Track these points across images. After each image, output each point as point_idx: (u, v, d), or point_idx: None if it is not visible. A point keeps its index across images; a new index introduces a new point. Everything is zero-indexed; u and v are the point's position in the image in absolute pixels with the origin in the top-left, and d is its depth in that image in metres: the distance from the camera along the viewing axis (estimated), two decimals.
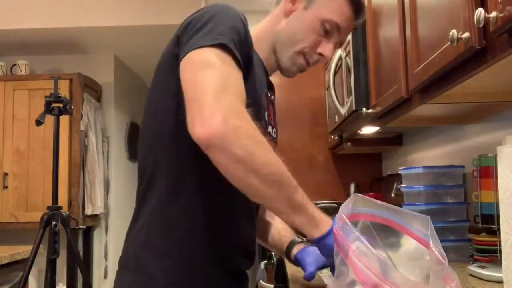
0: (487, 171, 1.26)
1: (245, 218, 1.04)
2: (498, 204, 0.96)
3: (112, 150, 4.27)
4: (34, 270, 3.39)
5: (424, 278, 0.81)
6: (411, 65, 1.32)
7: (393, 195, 2.50)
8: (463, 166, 1.54)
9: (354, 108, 1.96)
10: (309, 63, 1.11)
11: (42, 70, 4.08)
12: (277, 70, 1.16)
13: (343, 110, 2.20)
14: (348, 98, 2.08)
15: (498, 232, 1.18)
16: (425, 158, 2.29)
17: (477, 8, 0.87)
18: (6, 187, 3.68)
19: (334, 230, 0.82)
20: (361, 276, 0.73)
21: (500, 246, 1.02)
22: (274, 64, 1.13)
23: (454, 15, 1.00)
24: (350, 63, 1.99)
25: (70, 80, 3.71)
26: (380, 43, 1.73)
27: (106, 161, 4.14)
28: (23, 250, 2.34)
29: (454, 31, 0.95)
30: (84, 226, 3.73)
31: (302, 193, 0.88)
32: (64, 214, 2.54)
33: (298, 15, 1.09)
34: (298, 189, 0.87)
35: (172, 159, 0.95)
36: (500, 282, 1.04)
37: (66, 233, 2.54)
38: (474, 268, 1.20)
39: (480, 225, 1.28)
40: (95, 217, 3.98)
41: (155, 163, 0.97)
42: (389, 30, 1.58)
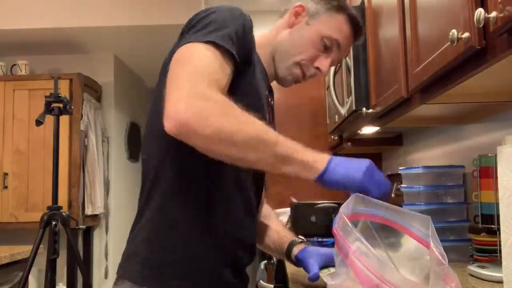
0: (487, 171, 1.26)
1: (247, 216, 1.05)
2: (498, 204, 0.96)
3: (112, 150, 4.26)
4: (34, 270, 3.39)
5: (424, 278, 0.81)
6: (411, 65, 1.32)
7: (393, 195, 2.50)
8: (463, 166, 1.53)
9: (354, 108, 1.95)
10: (305, 76, 1.15)
11: (42, 70, 4.08)
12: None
13: (343, 110, 2.20)
14: (348, 98, 2.08)
15: (498, 232, 1.18)
16: (425, 158, 2.29)
17: (477, 8, 0.87)
18: (6, 187, 3.68)
19: (334, 230, 0.82)
20: (361, 277, 0.73)
21: (500, 246, 1.02)
22: (273, 71, 1.16)
23: (454, 15, 1.00)
24: (350, 63, 1.99)
25: (70, 80, 3.71)
26: (380, 43, 1.73)
27: (106, 161, 4.14)
28: (23, 250, 2.34)
29: (454, 31, 0.95)
30: (84, 226, 3.73)
31: (285, 143, 0.88)
32: (64, 214, 2.54)
33: (300, 29, 1.13)
34: (279, 141, 0.87)
35: (176, 157, 0.97)
36: (500, 282, 1.04)
37: (66, 233, 2.54)
38: (474, 268, 1.20)
39: (480, 225, 1.28)
40: (95, 217, 3.98)
41: (160, 161, 0.99)
42: (389, 30, 1.58)
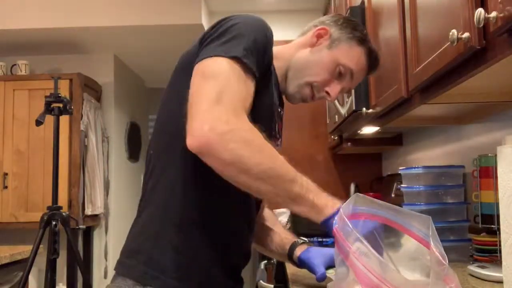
0: (487, 171, 1.26)
1: (245, 223, 1.07)
2: (498, 204, 0.96)
3: (112, 150, 4.26)
4: (34, 270, 3.39)
5: (424, 278, 0.81)
6: (411, 65, 1.32)
7: (393, 195, 2.50)
8: (463, 166, 1.53)
9: (354, 108, 1.95)
10: (313, 97, 1.15)
11: (42, 70, 4.08)
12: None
13: (343, 110, 2.20)
14: (348, 98, 2.08)
15: (498, 232, 1.18)
16: (425, 158, 2.29)
17: (477, 8, 0.87)
18: (6, 187, 3.68)
19: (335, 230, 0.82)
20: (361, 277, 0.73)
21: (500, 246, 1.02)
22: (284, 86, 1.16)
23: (454, 15, 1.00)
24: None
25: (70, 80, 3.71)
26: (380, 43, 1.73)
27: (106, 161, 4.13)
28: (23, 250, 2.34)
29: (454, 31, 0.95)
30: (84, 226, 3.72)
31: (301, 183, 0.90)
32: (64, 214, 2.53)
33: (320, 51, 1.13)
34: (296, 180, 0.90)
35: (185, 157, 0.97)
36: (500, 282, 1.04)
37: (66, 233, 2.53)
38: (474, 268, 1.20)
39: (480, 225, 1.28)
40: (95, 217, 3.98)
41: (169, 159, 0.99)
42: (389, 30, 1.58)
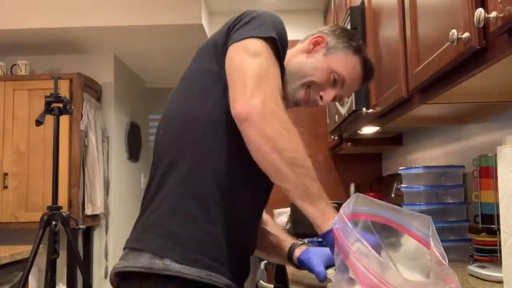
0: (487, 171, 1.26)
1: (257, 214, 1.11)
2: (498, 204, 0.96)
3: (112, 150, 4.26)
4: (34, 270, 3.39)
5: (424, 278, 0.81)
6: (411, 65, 1.32)
7: (393, 195, 2.50)
8: (463, 166, 1.53)
9: (354, 108, 1.95)
10: (308, 101, 1.18)
11: (42, 70, 4.08)
12: None
13: (343, 110, 2.20)
14: (348, 98, 2.08)
15: (498, 232, 1.18)
16: (425, 158, 2.29)
17: (477, 8, 0.87)
18: (6, 187, 3.68)
19: (335, 230, 0.82)
20: (361, 277, 0.73)
21: (500, 246, 1.02)
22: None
23: (454, 15, 1.00)
24: None
25: (70, 80, 3.71)
26: (380, 43, 1.73)
27: (106, 161, 4.13)
28: (23, 250, 2.33)
29: (454, 31, 0.95)
30: (84, 226, 3.72)
31: (320, 187, 0.94)
32: (64, 214, 2.53)
33: (315, 57, 1.16)
34: (317, 181, 0.93)
35: (205, 145, 1.00)
36: (500, 282, 1.04)
37: (66, 233, 2.53)
38: (474, 268, 1.20)
39: (480, 225, 1.28)
40: (95, 217, 3.98)
41: (194, 139, 1.01)
42: (389, 30, 1.58)
